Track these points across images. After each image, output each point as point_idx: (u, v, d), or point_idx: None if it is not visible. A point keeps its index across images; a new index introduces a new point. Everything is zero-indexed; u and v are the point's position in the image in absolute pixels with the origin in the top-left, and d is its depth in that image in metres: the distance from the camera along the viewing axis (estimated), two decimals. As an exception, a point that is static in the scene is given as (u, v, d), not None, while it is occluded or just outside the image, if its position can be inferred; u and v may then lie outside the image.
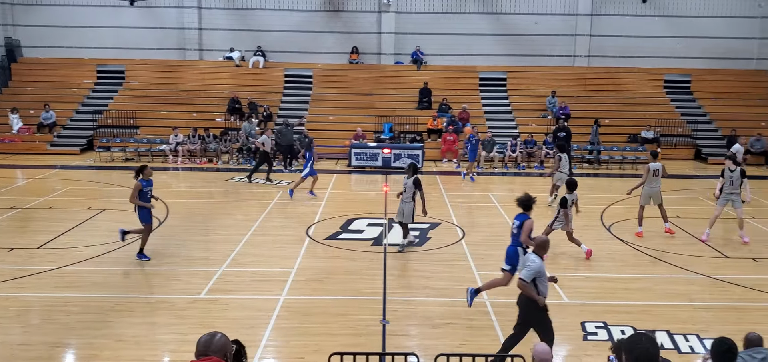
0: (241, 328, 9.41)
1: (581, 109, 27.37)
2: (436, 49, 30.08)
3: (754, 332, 6.63)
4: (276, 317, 10.11)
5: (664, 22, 29.83)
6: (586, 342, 9.49)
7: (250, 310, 10.39)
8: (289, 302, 10.77)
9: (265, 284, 11.60)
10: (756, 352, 6.20)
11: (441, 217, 16.55)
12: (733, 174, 14.40)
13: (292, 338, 9.44)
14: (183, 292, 11.10)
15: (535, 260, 8.23)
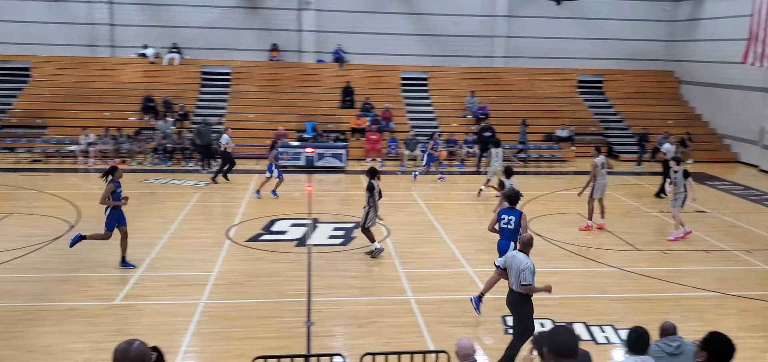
0: (159, 334, 9.08)
1: (499, 108, 27.95)
2: (358, 48, 30.05)
3: (669, 321, 6.92)
4: (196, 322, 9.82)
5: (577, 24, 30.86)
6: (507, 336, 9.63)
7: (168, 316, 10.05)
8: (209, 306, 10.48)
9: (183, 288, 11.24)
10: (671, 340, 6.48)
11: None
12: (677, 174, 14.94)
13: (214, 343, 9.18)
14: (96, 299, 10.62)
15: (528, 260, 8.31)
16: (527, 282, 8.17)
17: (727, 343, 4.70)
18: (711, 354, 4.72)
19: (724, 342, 4.71)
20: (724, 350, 4.68)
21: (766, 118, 24.07)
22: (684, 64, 30.40)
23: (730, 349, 4.68)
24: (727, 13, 26.90)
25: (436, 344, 9.02)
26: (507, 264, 8.61)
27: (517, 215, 10.66)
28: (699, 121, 28.77)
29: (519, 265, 8.27)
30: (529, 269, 8.20)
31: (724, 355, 4.69)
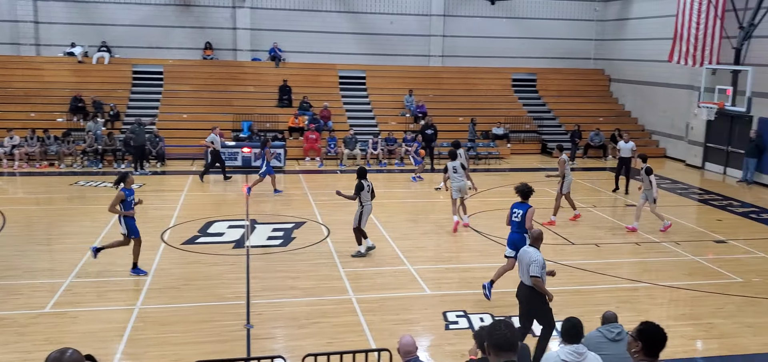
0: (92, 342, 8.78)
1: (437, 107, 28.19)
2: (295, 46, 29.79)
3: (610, 310, 7.19)
4: (131, 328, 9.52)
5: (511, 24, 31.44)
6: (448, 331, 9.75)
7: (101, 323, 9.70)
8: (144, 312, 10.17)
9: (117, 294, 10.88)
10: (612, 327, 6.78)
11: (305, 216, 16.38)
12: (641, 172, 15.56)
13: (150, 349, 8.92)
14: (25, 307, 10.17)
15: (539, 254, 8.46)
16: (536, 275, 8.32)
17: (660, 332, 4.86)
18: (644, 344, 4.88)
19: (656, 331, 4.86)
20: (656, 339, 4.81)
21: (692, 114, 25.07)
22: (613, 62, 31.37)
23: (662, 338, 4.82)
24: (653, 13, 27.90)
25: (378, 342, 9.01)
26: (519, 258, 8.79)
27: (525, 209, 11.02)
28: (628, 117, 29.73)
29: (529, 259, 8.44)
30: (538, 263, 8.36)
31: (656, 344, 4.82)
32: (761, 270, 12.88)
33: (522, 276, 8.67)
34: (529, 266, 8.36)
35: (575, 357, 5.62)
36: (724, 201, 19.35)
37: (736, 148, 23.30)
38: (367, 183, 13.18)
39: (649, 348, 4.84)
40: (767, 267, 13.13)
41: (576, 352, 5.65)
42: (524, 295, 8.67)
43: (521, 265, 8.66)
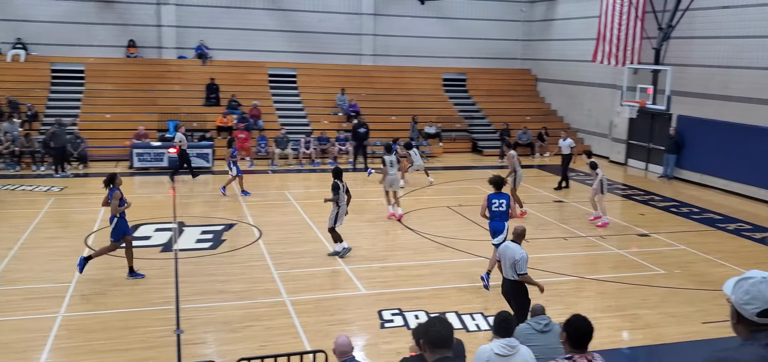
0: (13, 353, 8.37)
1: (369, 106, 28.18)
2: (222, 43, 29.20)
3: (539, 303, 7.31)
4: (54, 337, 9.08)
5: (441, 24, 31.76)
6: (383, 330, 9.72)
7: (22, 332, 9.23)
8: (68, 319, 9.73)
9: (39, 302, 10.36)
10: (540, 319, 6.95)
11: (236, 218, 16.04)
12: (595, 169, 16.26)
13: (74, 358, 8.53)
14: (-67, 320, 9.54)
15: (523, 250, 8.75)
16: (523, 272, 8.62)
17: (586, 324, 5.01)
18: (570, 336, 5.02)
19: (582, 323, 5.02)
20: (581, 331, 4.98)
21: (615, 112, 25.93)
22: (540, 62, 32.13)
23: (587, 330, 4.99)
24: (578, 14, 28.72)
25: (313, 344, 8.89)
26: (500, 254, 9.01)
27: (506, 198, 11.66)
28: (554, 116, 30.52)
29: (513, 255, 8.68)
30: (524, 258, 8.66)
31: (582, 336, 4.97)
32: (682, 261, 13.41)
33: (505, 271, 8.92)
34: (516, 263, 8.64)
35: (508, 351, 5.69)
36: (646, 196, 20.10)
37: (656, 144, 24.25)
38: (342, 184, 13.13)
39: (574, 340, 4.99)
40: (688, 258, 13.69)
41: (509, 346, 5.73)
42: (507, 290, 8.95)
43: (504, 261, 8.89)
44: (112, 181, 11.42)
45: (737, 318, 2.98)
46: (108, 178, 11.53)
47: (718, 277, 12.43)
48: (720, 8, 21.10)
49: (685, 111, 22.50)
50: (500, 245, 9.43)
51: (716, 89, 21.35)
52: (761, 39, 19.64)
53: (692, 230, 16.13)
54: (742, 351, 2.88)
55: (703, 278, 12.44)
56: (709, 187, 21.31)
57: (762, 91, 19.64)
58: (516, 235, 9.09)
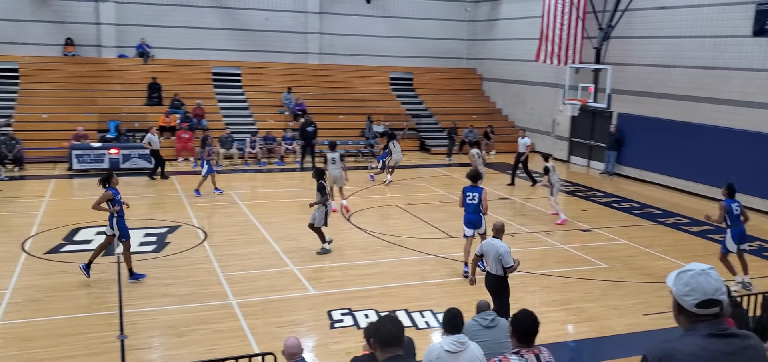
0: (-59, 366, 7.95)
1: (316, 105, 28.03)
2: (164, 42, 28.59)
3: (484, 299, 7.40)
4: (-12, 347, 8.71)
5: (387, 23, 31.83)
6: (333, 330, 9.68)
7: (-48, 343, 8.82)
8: (4, 328, 9.37)
9: (-29, 311, 9.93)
10: (486, 315, 7.05)
11: (180, 219, 15.72)
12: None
13: (10, 369, 8.20)
14: None
15: (505, 244, 9.06)
16: (509, 265, 8.92)
17: (532, 319, 5.12)
18: (516, 330, 5.12)
19: (528, 318, 5.12)
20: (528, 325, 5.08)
21: (557, 111, 26.47)
22: (485, 62, 32.55)
23: (534, 324, 5.10)
24: (520, 14, 29.20)
25: (262, 346, 8.77)
26: (484, 250, 9.23)
27: (479, 191, 12.01)
28: (499, 115, 30.95)
29: (498, 250, 8.94)
30: (507, 251, 8.97)
31: (529, 330, 5.08)
32: (623, 255, 13.77)
33: (489, 266, 9.15)
34: (501, 258, 8.91)
35: (457, 347, 5.73)
36: (588, 192, 20.58)
37: (598, 141, 24.87)
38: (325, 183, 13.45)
39: (521, 334, 5.08)
40: (629, 252, 14.07)
41: (458, 342, 5.77)
42: (491, 284, 9.16)
43: (488, 257, 9.11)
44: (108, 181, 11.32)
45: (678, 309, 3.06)
46: (103, 178, 11.46)
47: (658, 270, 12.83)
48: (657, 9, 21.78)
49: (625, 109, 23.15)
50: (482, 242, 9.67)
51: (654, 87, 22.03)
52: (696, 39, 20.35)
53: (633, 225, 16.59)
54: (683, 342, 2.96)
55: (643, 271, 12.81)
56: (649, 183, 21.97)
57: (698, 89, 20.36)
58: (496, 230, 9.39)
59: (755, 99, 18.54)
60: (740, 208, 11.75)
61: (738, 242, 11.64)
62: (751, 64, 18.65)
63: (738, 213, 11.63)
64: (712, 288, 2.95)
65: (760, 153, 18.25)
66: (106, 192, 11.16)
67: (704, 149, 19.90)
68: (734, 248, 11.65)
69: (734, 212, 11.59)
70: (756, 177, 18.15)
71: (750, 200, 18.15)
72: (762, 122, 18.35)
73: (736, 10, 19.03)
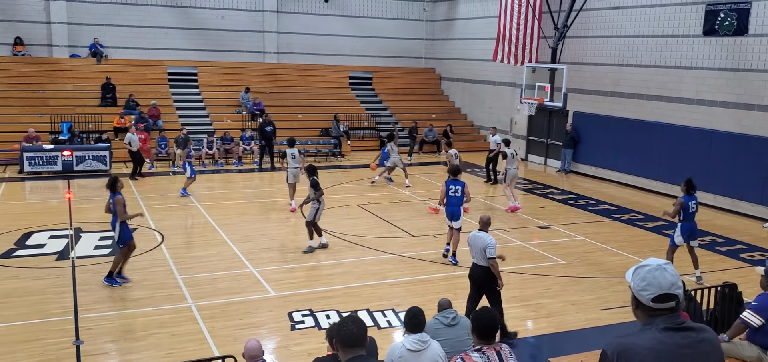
0: None
1: (274, 104, 27.82)
2: (118, 41, 28.03)
3: (445, 298, 7.46)
4: (-65, 357, 8.41)
5: (346, 22, 31.78)
6: (294, 332, 9.61)
7: None
8: (-49, 337, 9.04)
9: None
10: (447, 313, 7.07)
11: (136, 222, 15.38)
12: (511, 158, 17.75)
13: (-41, 379, 7.93)
14: None
15: (491, 237, 9.22)
16: (494, 257, 9.06)
17: (492, 316, 5.20)
18: (476, 328, 5.17)
19: (488, 315, 5.18)
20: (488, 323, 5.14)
21: (515, 110, 26.77)
22: (443, 61, 32.74)
23: (494, 321, 5.18)
24: (478, 14, 29.46)
25: (221, 349, 8.67)
26: (470, 243, 9.35)
27: (462, 185, 12.98)
28: (458, 114, 31.18)
29: (483, 242, 9.09)
30: (493, 245, 9.11)
31: (489, 327, 5.14)
32: (580, 251, 14.01)
33: (475, 258, 9.27)
34: (486, 249, 9.03)
35: (419, 346, 5.75)
36: (545, 190, 20.87)
37: (554, 140, 25.26)
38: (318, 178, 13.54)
39: (481, 332, 5.13)
40: (585, 248, 14.32)
41: (420, 341, 5.79)
42: (478, 275, 9.24)
43: (474, 249, 9.24)
44: (114, 186, 11.25)
45: (636, 303, 3.12)
46: (110, 182, 11.34)
47: (613, 265, 13.09)
48: (611, 9, 22.22)
49: (581, 107, 23.55)
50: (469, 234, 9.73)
51: (609, 86, 22.47)
52: (649, 38, 20.82)
53: (589, 221, 16.89)
54: (641, 337, 3.01)
55: (600, 267, 13.04)
56: (604, 180, 22.39)
57: (650, 87, 20.83)
58: (483, 224, 9.63)
59: (706, 97, 19.06)
60: (696, 206, 12.02)
61: (687, 238, 11.90)
62: (701, 63, 19.16)
63: (693, 211, 11.90)
64: (668, 283, 3.01)
65: (710, 149, 18.77)
66: (122, 198, 11.18)
67: (657, 146, 20.37)
68: (681, 242, 11.92)
69: (690, 209, 11.85)
70: (707, 173, 18.65)
71: (701, 195, 18.61)
72: (712, 119, 18.88)
73: (687, 11, 19.54)
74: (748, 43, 17.78)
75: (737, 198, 18.14)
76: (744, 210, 17.90)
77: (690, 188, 11.93)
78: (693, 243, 12.01)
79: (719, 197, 18.51)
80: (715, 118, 18.79)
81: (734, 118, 18.26)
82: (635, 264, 3.17)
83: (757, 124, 17.62)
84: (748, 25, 17.54)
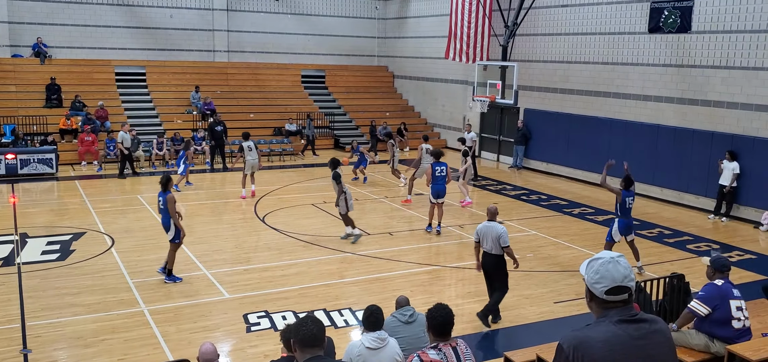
0: None
1: (226, 104, 27.47)
2: (63, 41, 27.25)
3: (403, 295, 7.47)
4: None
5: (296, 21, 31.55)
6: (250, 334, 9.51)
7: None
8: None
9: None
10: (404, 310, 7.09)
11: (85, 226, 15.03)
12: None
13: None
14: None
15: (503, 226, 9.71)
16: (507, 244, 9.60)
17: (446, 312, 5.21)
18: (431, 325, 5.20)
19: (443, 311, 5.22)
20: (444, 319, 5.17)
21: (467, 107, 26.99)
22: (396, 59, 32.82)
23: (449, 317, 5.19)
24: (429, 12, 29.63)
25: (176, 354, 8.54)
26: (482, 233, 9.78)
27: (445, 165, 14.76)
28: (412, 111, 31.30)
29: (496, 231, 9.59)
30: (506, 232, 9.67)
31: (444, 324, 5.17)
32: (533, 246, 14.22)
33: (488, 247, 9.73)
34: (501, 237, 9.56)
35: (378, 344, 5.77)
36: (498, 186, 21.13)
37: (506, 137, 25.60)
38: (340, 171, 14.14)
39: (436, 329, 5.17)
40: (538, 243, 14.55)
41: (379, 339, 5.81)
42: (490, 263, 9.76)
43: (488, 238, 9.69)
44: (167, 185, 11.47)
45: (591, 296, 3.17)
46: (163, 181, 11.55)
47: (565, 259, 13.33)
48: (560, 7, 22.62)
49: (531, 104, 23.92)
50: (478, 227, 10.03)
51: (558, 83, 22.88)
52: (596, 36, 21.28)
53: (541, 216, 17.17)
54: (595, 329, 3.07)
55: (552, 260, 13.27)
56: (555, 175, 22.79)
57: (598, 84, 21.29)
58: (492, 214, 9.98)
59: (652, 92, 19.58)
60: (633, 202, 12.29)
61: (624, 233, 12.17)
62: (647, 60, 19.68)
63: (630, 207, 12.15)
64: (620, 276, 3.07)
65: (657, 144, 19.29)
66: (171, 196, 11.38)
67: (606, 142, 20.82)
68: (619, 238, 12.18)
69: (627, 205, 12.08)
70: (653, 167, 19.19)
71: (648, 188, 19.20)
72: (658, 114, 19.41)
73: (632, 8, 20.03)
74: (691, 40, 18.34)
75: (683, 191, 18.70)
76: (689, 202, 18.46)
77: (628, 184, 12.17)
78: (629, 237, 12.27)
79: (666, 190, 19.04)
80: (661, 113, 19.32)
81: (679, 112, 18.81)
82: (588, 258, 3.23)
83: (701, 118, 18.19)
84: (691, 22, 18.08)
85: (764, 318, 8.26)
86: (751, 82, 16.93)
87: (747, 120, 17.09)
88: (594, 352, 2.97)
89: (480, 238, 9.89)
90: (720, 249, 14.29)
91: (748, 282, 11.79)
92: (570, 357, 3.01)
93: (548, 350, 7.36)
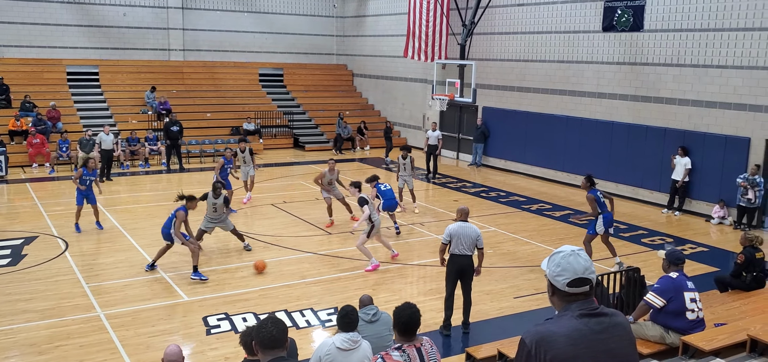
0: None
1: (182, 103, 27.02)
2: (11, 39, 26.46)
3: (366, 294, 7.47)
4: None
5: (253, 18, 31.21)
6: (210, 337, 9.39)
7: None
8: None
9: None
10: (368, 309, 7.10)
11: (37, 229, 14.62)
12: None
13: None
14: None
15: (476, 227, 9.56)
16: (482, 246, 9.58)
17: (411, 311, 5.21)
18: (396, 324, 5.22)
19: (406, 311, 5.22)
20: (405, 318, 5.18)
21: (427, 106, 27.12)
22: (355, 58, 32.76)
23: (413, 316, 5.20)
24: (388, 10, 29.65)
25: (134, 358, 8.38)
26: (455, 233, 9.40)
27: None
28: (372, 110, 31.28)
29: (475, 233, 9.44)
30: (480, 234, 9.56)
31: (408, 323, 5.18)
32: (493, 242, 14.34)
33: (461, 249, 9.40)
34: (478, 239, 9.46)
35: (350, 345, 5.73)
36: (458, 184, 21.27)
37: (465, 134, 25.79)
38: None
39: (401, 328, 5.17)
40: (498, 239, 14.69)
41: (351, 340, 5.76)
42: (464, 264, 9.46)
43: (463, 239, 9.38)
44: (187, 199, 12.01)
45: (552, 290, 3.20)
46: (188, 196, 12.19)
47: (524, 254, 13.50)
48: (516, 6, 22.88)
49: (489, 102, 24.15)
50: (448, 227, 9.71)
51: (515, 81, 23.14)
52: (552, 34, 21.59)
53: (500, 212, 17.34)
54: (557, 324, 3.09)
55: (512, 256, 13.42)
56: (513, 172, 23.06)
57: (554, 82, 21.61)
58: (464, 215, 9.71)
59: (606, 90, 19.95)
60: (603, 194, 12.55)
61: (607, 226, 12.39)
62: (601, 58, 20.05)
63: (604, 201, 12.40)
64: (581, 268, 3.11)
65: (611, 140, 19.67)
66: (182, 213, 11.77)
67: (562, 139, 21.16)
68: (603, 231, 12.37)
69: (600, 200, 12.35)
70: (608, 163, 19.57)
71: (604, 185, 19.52)
72: (612, 111, 19.79)
73: (587, 7, 20.37)
74: (643, 38, 18.75)
75: (637, 186, 19.11)
76: (644, 197, 18.88)
77: (592, 183, 12.46)
78: (609, 230, 12.48)
79: (621, 185, 19.43)
80: (615, 110, 19.70)
81: (632, 109, 19.21)
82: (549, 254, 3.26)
83: (653, 115, 18.61)
84: (643, 21, 18.47)
85: (717, 309, 8.50)
86: (702, 79, 17.39)
87: (698, 116, 17.56)
88: (556, 347, 2.99)
89: (451, 239, 9.46)
90: (674, 242, 14.66)
91: (701, 274, 12.12)
92: (532, 351, 3.02)
93: (509, 344, 7.44)
